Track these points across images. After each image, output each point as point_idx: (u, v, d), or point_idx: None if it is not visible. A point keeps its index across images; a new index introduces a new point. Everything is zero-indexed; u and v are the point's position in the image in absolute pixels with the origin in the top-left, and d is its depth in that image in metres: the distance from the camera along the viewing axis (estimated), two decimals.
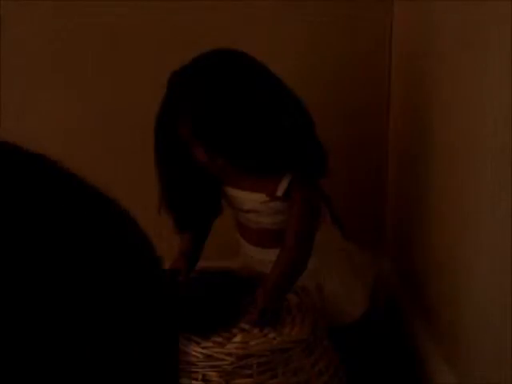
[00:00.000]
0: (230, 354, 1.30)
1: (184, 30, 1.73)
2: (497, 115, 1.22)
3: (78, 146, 1.79)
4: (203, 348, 1.31)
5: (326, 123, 1.44)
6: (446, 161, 1.49)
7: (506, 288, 1.21)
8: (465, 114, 1.37)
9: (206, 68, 1.33)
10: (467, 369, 1.43)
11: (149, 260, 0.41)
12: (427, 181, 1.60)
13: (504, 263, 1.21)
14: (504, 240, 1.21)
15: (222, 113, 1.30)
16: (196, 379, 1.30)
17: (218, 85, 1.31)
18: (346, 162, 1.84)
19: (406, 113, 1.77)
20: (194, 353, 1.30)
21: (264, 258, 1.49)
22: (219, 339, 1.34)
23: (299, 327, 1.38)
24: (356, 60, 1.81)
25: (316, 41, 1.79)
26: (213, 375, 1.30)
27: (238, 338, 1.34)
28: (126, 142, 1.80)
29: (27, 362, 0.33)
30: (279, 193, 1.41)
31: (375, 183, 1.91)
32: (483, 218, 1.31)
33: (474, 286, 1.37)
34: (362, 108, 1.86)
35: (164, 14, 1.73)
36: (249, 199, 1.45)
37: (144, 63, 1.75)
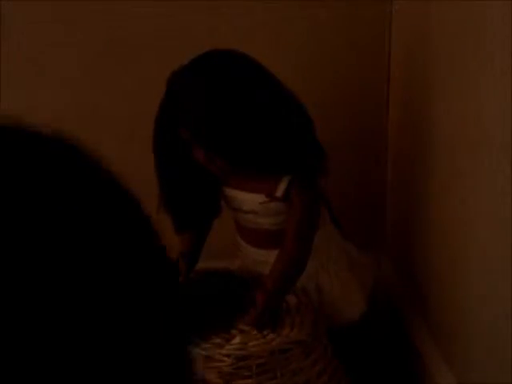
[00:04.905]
0: (229, 355, 1.30)
1: (184, 30, 1.73)
2: (497, 113, 1.22)
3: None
4: (202, 349, 1.31)
5: (325, 122, 1.44)
6: (446, 160, 1.49)
7: (506, 288, 1.21)
8: (465, 113, 1.37)
9: (205, 68, 1.33)
10: (467, 369, 1.43)
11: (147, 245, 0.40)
12: (427, 180, 1.60)
13: (504, 263, 1.21)
14: (505, 239, 1.21)
15: (221, 114, 1.30)
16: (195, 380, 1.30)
17: (218, 85, 1.31)
18: (345, 162, 1.83)
19: (405, 112, 1.76)
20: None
21: (263, 259, 1.49)
22: (218, 340, 1.34)
23: (298, 328, 1.38)
24: (355, 59, 1.81)
25: (315, 40, 1.79)
26: (212, 376, 1.30)
27: (237, 339, 1.34)
28: (126, 141, 1.80)
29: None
30: (278, 193, 1.41)
31: (375, 183, 1.91)
32: (484, 218, 1.30)
33: (474, 287, 1.37)
34: (361, 107, 1.85)
35: (164, 13, 1.72)
36: (248, 200, 1.45)
37: (144, 63, 1.75)
